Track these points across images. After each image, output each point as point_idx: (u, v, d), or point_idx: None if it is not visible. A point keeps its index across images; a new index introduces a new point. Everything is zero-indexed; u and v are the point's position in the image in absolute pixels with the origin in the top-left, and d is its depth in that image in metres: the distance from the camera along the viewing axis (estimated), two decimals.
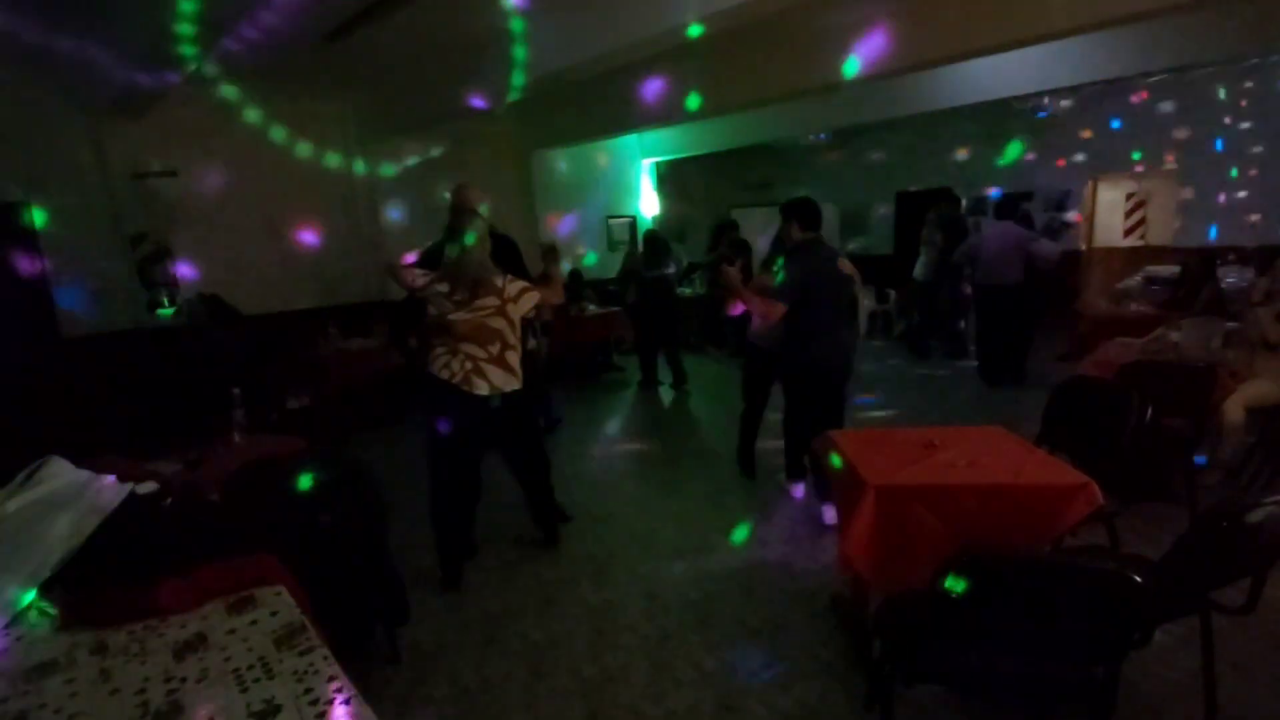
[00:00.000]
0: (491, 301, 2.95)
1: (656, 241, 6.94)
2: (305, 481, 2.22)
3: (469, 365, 2.93)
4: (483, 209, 3.26)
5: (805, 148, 10.47)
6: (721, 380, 7.15)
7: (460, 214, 3.08)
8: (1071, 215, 8.31)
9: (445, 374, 2.93)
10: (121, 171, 5.24)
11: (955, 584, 1.54)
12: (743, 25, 3.78)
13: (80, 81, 4.66)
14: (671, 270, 6.78)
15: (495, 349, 2.97)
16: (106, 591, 1.57)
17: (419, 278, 2.98)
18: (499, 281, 2.99)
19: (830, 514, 3.44)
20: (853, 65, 4.36)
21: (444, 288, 2.94)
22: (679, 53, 4.56)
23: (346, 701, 1.20)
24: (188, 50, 3.52)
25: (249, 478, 2.39)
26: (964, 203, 8.95)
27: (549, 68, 4.35)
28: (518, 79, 4.46)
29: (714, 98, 5.47)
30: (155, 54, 3.84)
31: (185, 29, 3.31)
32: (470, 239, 2.92)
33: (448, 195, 3.36)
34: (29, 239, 4.91)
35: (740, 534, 3.53)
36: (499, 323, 2.97)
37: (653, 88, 5.53)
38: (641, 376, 6.99)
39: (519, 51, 4.28)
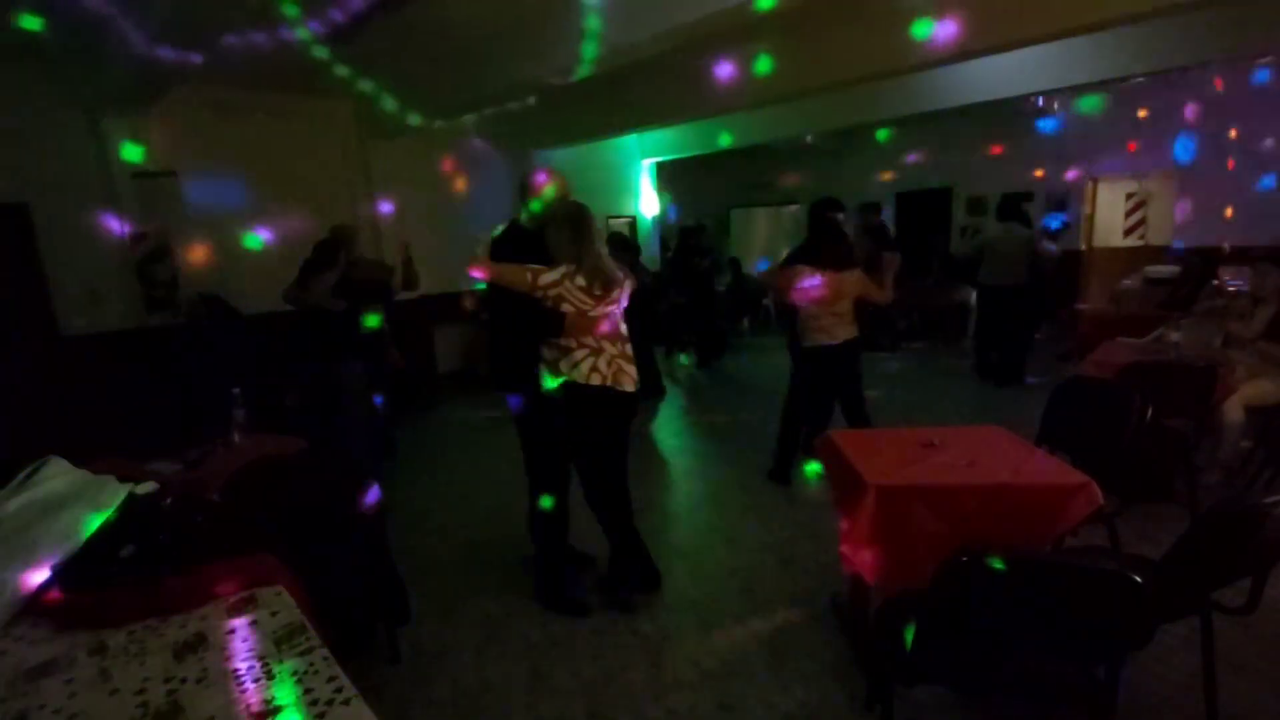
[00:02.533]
0: (617, 294, 2.77)
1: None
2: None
3: (615, 364, 2.74)
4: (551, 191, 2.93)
5: (805, 148, 10.47)
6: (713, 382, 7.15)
7: (572, 204, 2.83)
8: (1060, 220, 8.39)
9: (596, 378, 2.69)
10: (122, 171, 5.23)
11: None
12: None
13: (90, 64, 4.62)
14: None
15: (624, 344, 2.82)
16: (106, 591, 1.57)
17: (540, 274, 2.65)
18: (620, 274, 2.81)
19: None
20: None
21: (582, 282, 2.67)
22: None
23: (346, 702, 1.20)
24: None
25: (249, 478, 2.39)
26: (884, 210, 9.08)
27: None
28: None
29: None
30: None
31: None
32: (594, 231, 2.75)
33: (529, 182, 2.86)
34: (29, 239, 4.91)
35: (742, 529, 3.53)
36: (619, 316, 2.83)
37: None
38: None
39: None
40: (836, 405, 3.99)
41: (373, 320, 4.18)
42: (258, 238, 5.34)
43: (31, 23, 3.59)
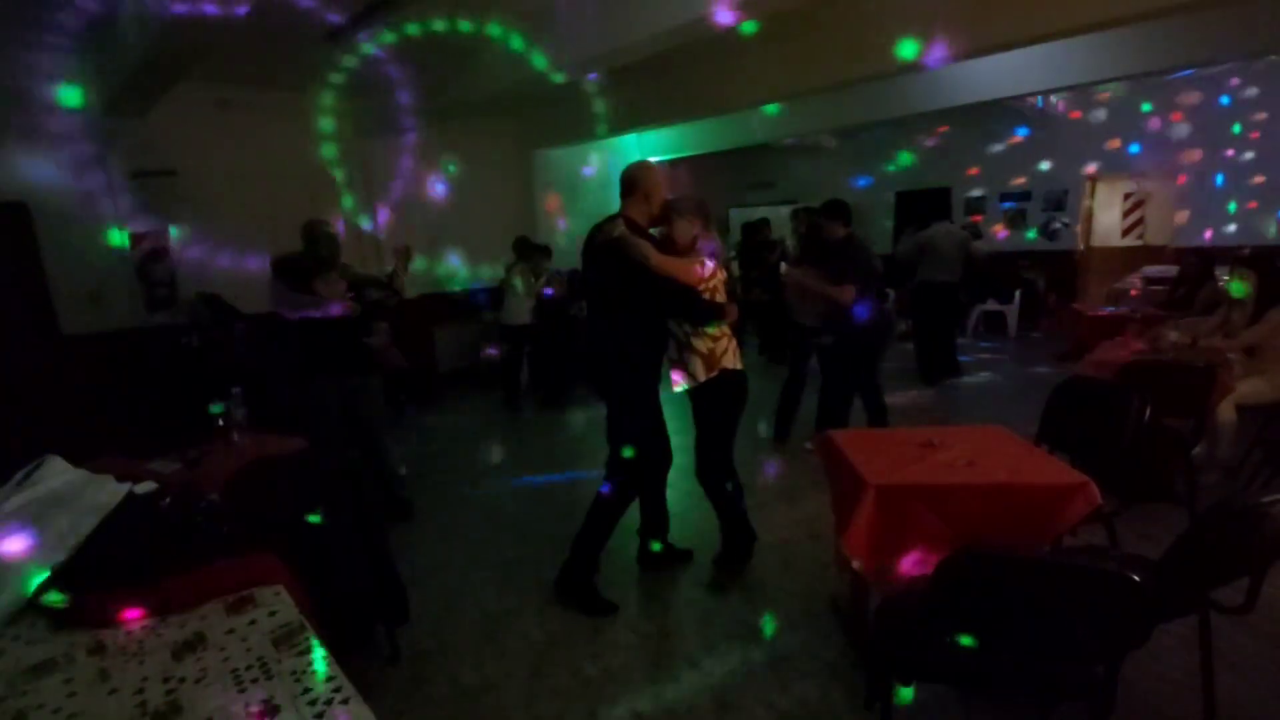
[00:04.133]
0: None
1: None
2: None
3: (733, 344, 2.90)
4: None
5: (805, 148, 10.48)
6: None
7: (697, 196, 2.92)
8: (1060, 222, 8.52)
9: (735, 362, 2.86)
10: (122, 170, 5.23)
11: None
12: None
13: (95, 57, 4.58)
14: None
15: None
16: (106, 591, 1.57)
17: (703, 266, 2.72)
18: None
19: None
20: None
21: (723, 275, 2.82)
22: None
23: (345, 701, 1.20)
24: None
25: (249, 477, 2.39)
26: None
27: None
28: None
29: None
30: None
31: None
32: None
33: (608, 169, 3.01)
34: (29, 238, 4.90)
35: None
36: None
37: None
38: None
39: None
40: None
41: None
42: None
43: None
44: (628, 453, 2.80)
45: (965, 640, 1.65)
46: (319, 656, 1.34)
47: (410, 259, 3.95)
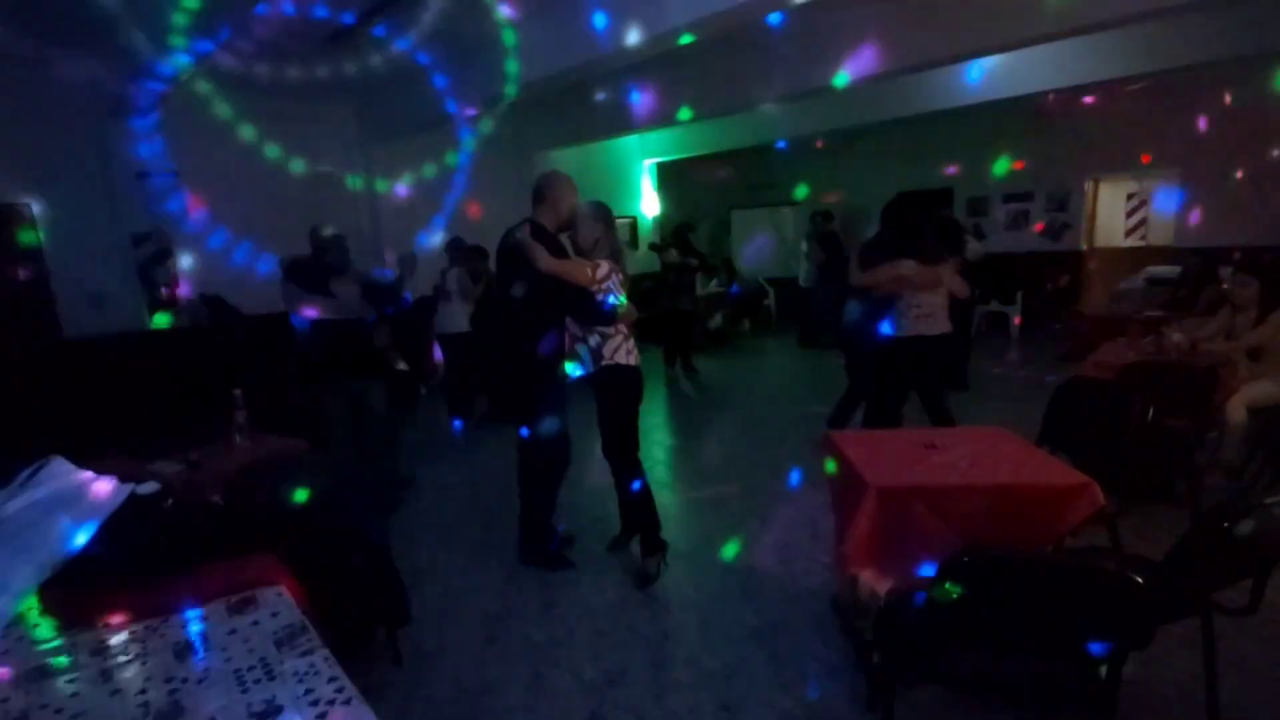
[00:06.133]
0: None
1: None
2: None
3: (634, 347, 3.09)
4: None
5: (805, 148, 10.47)
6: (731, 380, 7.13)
7: (599, 202, 3.12)
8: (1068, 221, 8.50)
9: (634, 359, 3.06)
10: (124, 171, 5.24)
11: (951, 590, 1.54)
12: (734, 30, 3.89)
13: (81, 83, 4.65)
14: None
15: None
16: (107, 592, 1.57)
17: (596, 268, 2.93)
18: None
19: None
20: (842, 78, 4.54)
21: (621, 275, 3.04)
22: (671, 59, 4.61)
23: (347, 702, 1.20)
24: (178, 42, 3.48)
25: (250, 478, 2.40)
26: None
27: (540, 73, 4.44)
28: (510, 89, 4.57)
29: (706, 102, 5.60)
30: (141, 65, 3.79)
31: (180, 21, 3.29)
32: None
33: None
34: (30, 239, 4.92)
35: (737, 541, 3.54)
36: None
37: (645, 94, 5.65)
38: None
39: (511, 65, 4.37)
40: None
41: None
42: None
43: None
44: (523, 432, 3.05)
45: (966, 642, 1.64)
46: (321, 657, 1.34)
47: (414, 265, 4.03)
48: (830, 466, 2.61)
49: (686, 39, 3.80)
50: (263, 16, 3.80)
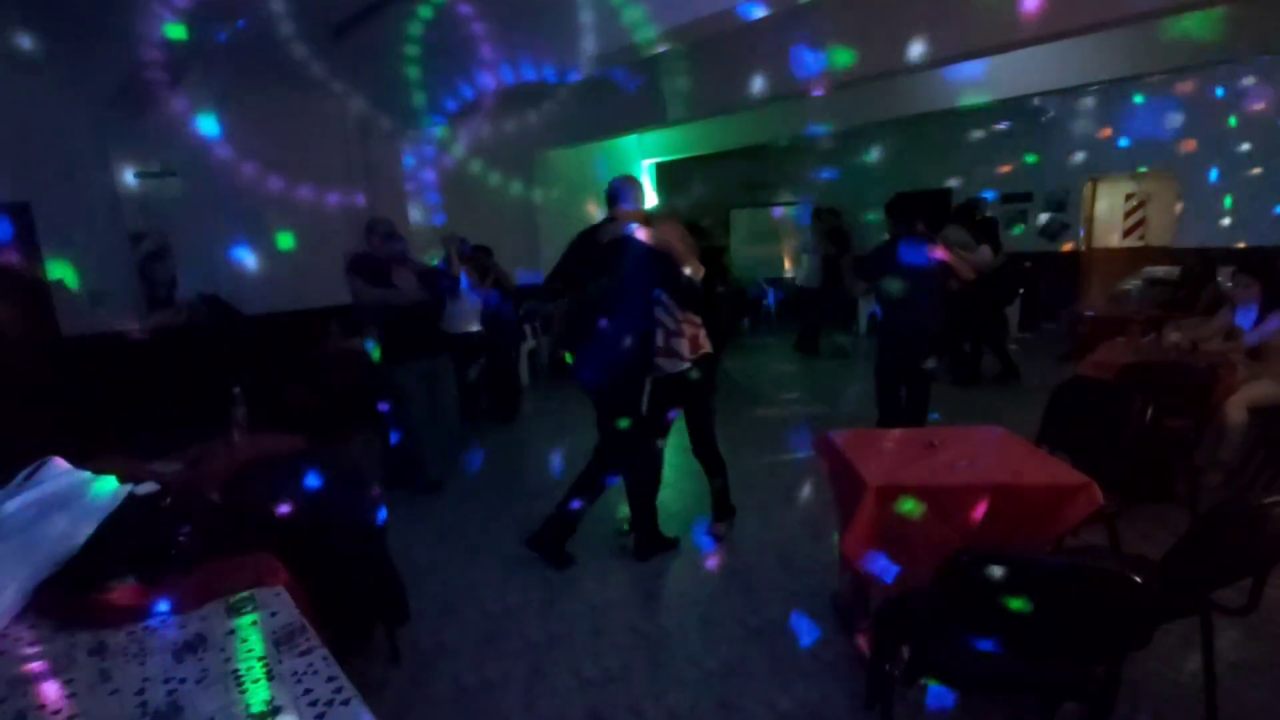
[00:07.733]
0: None
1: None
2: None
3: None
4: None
5: (805, 148, 10.47)
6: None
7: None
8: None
9: (709, 346, 3.35)
10: (123, 170, 5.23)
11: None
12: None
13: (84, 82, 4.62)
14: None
15: None
16: (106, 591, 1.56)
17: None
18: None
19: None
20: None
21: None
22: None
23: (346, 702, 1.20)
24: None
25: (249, 477, 2.39)
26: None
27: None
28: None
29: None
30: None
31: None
32: None
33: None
34: (29, 238, 4.91)
35: (742, 529, 3.53)
36: None
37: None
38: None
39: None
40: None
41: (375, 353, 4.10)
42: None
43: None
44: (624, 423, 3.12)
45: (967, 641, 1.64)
46: (320, 657, 1.34)
47: (458, 244, 4.39)
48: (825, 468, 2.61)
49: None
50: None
